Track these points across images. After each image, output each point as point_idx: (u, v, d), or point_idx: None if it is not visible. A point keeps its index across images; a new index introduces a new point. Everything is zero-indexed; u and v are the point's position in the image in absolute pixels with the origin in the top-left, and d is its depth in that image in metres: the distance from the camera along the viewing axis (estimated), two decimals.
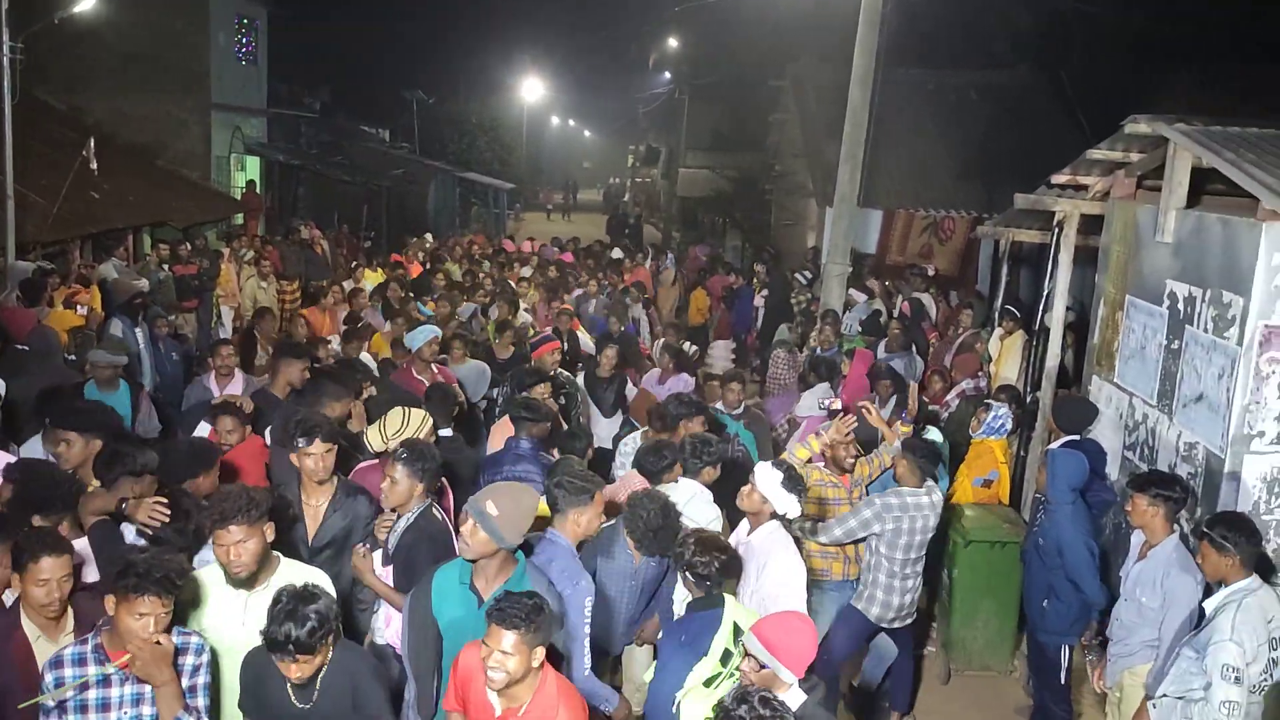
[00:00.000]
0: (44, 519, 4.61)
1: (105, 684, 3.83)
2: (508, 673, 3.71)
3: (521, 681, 3.78)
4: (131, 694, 3.86)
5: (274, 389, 7.44)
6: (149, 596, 3.70)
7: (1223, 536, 4.82)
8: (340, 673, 3.97)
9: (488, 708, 3.92)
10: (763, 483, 5.27)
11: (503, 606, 3.74)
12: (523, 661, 3.72)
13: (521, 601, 3.77)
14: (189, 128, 23.54)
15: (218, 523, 4.18)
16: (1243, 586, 4.79)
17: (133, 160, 21.05)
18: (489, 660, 3.72)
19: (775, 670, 3.88)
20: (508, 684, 3.75)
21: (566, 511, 4.80)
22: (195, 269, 14.17)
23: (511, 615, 3.70)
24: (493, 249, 20.16)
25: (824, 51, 20.27)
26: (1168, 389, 6.75)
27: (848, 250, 13.92)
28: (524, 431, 6.50)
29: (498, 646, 3.70)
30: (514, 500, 4.31)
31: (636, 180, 53.05)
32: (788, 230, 23.22)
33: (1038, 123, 18.72)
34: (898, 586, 6.26)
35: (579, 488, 4.81)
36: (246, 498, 4.27)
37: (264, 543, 4.29)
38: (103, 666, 3.81)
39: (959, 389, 9.83)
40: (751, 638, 3.96)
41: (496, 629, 3.70)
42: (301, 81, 33.09)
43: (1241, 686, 4.58)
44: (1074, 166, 8.26)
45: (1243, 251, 5.95)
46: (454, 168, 37.09)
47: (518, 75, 51.43)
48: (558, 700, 3.86)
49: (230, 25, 25.02)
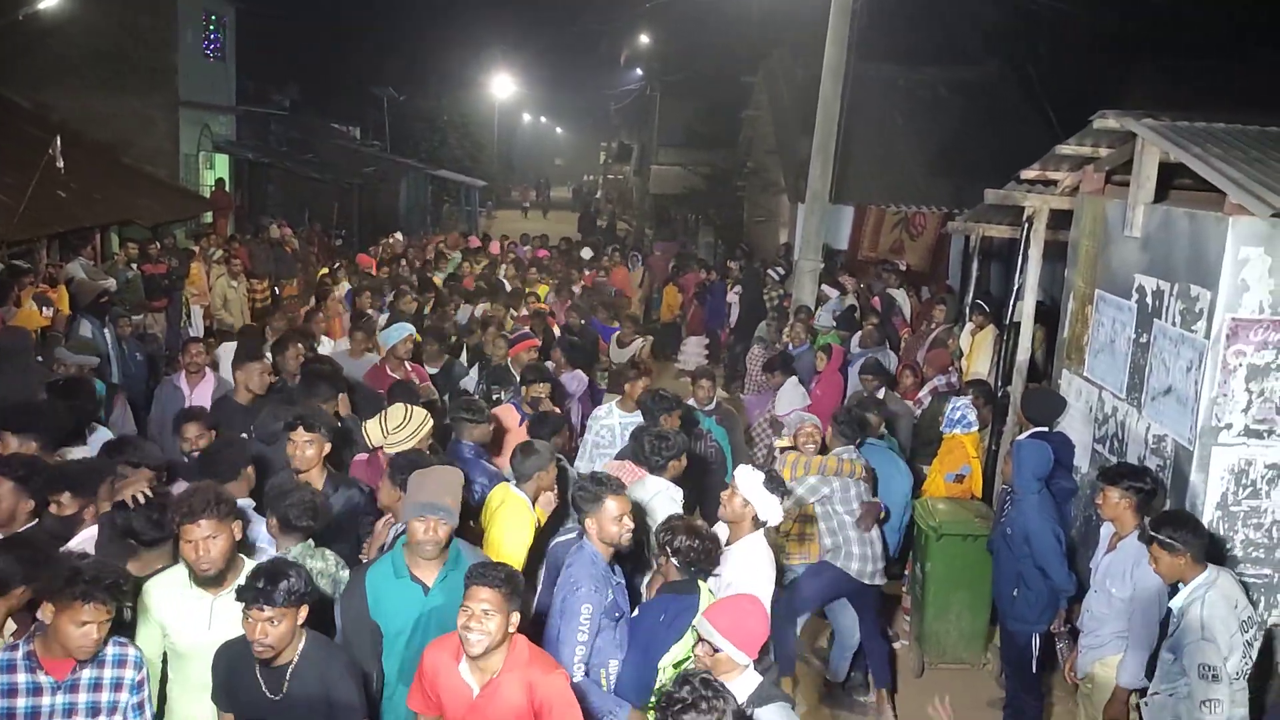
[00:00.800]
0: None
1: (36, 692, 3.77)
2: (488, 634, 3.79)
3: (497, 649, 3.86)
4: (64, 704, 3.79)
5: (236, 396, 7.27)
6: (94, 604, 3.67)
7: (1170, 537, 4.87)
8: (311, 665, 3.97)
9: (463, 690, 3.93)
10: (744, 485, 5.19)
11: (481, 569, 3.91)
12: (501, 623, 3.82)
13: (497, 565, 3.99)
14: (156, 125, 23.26)
15: (186, 517, 4.14)
16: (1203, 581, 4.84)
17: (100, 158, 20.78)
18: (469, 623, 3.79)
19: (729, 653, 3.90)
20: (485, 649, 3.81)
21: (584, 518, 4.87)
22: (164, 268, 14.04)
23: (491, 575, 3.85)
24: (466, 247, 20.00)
25: (796, 47, 20.35)
26: (1136, 382, 6.82)
27: (819, 246, 14.00)
28: (465, 434, 6.41)
29: (478, 606, 3.79)
30: (449, 484, 4.55)
31: (609, 177, 52.95)
32: (760, 227, 23.27)
33: (1007, 119, 18.86)
34: (868, 537, 6.60)
35: (590, 494, 4.84)
36: (215, 494, 4.25)
37: (232, 541, 4.26)
38: (33, 674, 3.76)
39: (931, 384, 9.89)
40: (703, 622, 3.99)
41: (477, 589, 3.82)
42: (270, 78, 32.77)
43: (1221, 683, 4.61)
44: (1043, 162, 8.32)
45: (1210, 245, 6.01)
46: (425, 165, 36.91)
47: (489, 72, 51.23)
48: (530, 662, 3.95)
49: (198, 22, 24.76)
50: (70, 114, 21.43)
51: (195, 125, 24.55)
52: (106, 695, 3.85)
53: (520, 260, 17.40)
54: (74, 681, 3.80)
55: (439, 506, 4.37)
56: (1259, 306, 5.87)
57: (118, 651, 3.88)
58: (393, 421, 5.82)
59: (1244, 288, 5.86)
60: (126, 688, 3.87)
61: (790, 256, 16.85)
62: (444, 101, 45.36)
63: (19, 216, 13.57)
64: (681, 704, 3.25)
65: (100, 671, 3.85)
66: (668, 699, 3.29)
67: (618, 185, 50.04)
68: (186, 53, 23.83)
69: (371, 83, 39.87)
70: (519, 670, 3.92)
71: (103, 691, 3.84)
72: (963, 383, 9.62)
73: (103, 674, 3.85)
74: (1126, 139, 7.32)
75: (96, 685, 3.83)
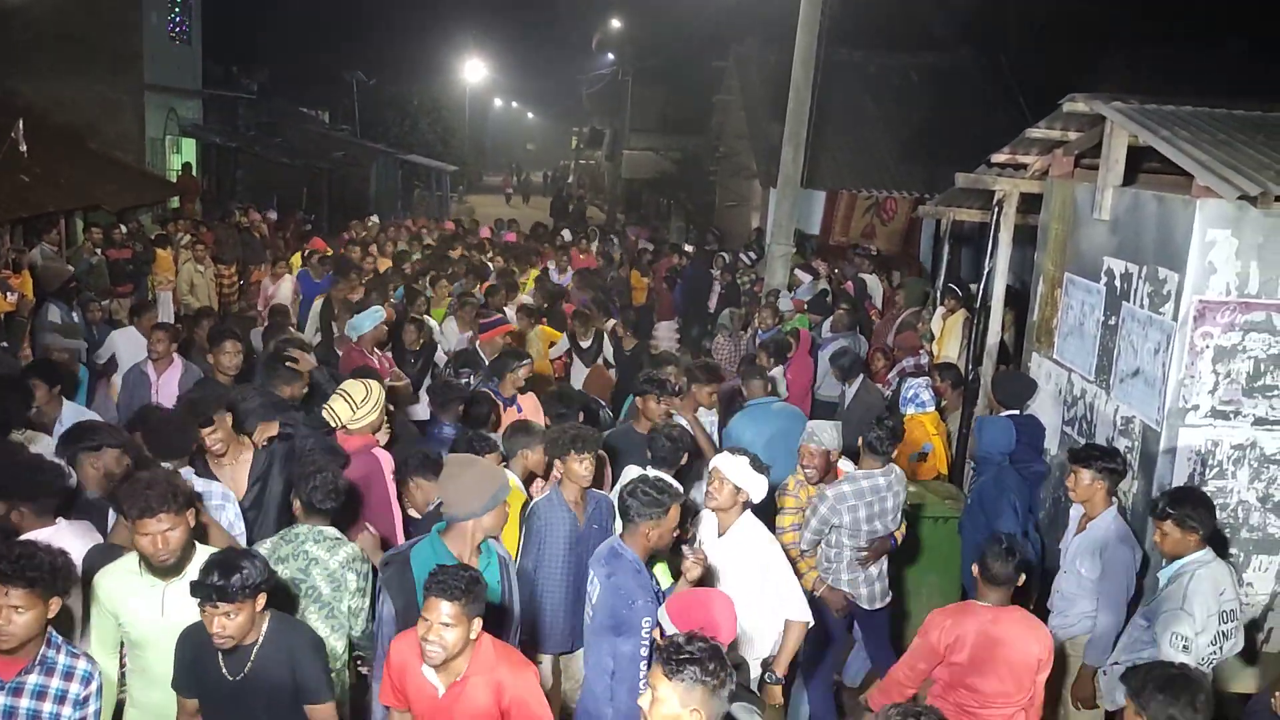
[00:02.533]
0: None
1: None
2: (445, 647, 3.69)
3: (460, 655, 3.77)
4: (4, 706, 3.65)
5: (217, 377, 7.22)
6: (9, 588, 3.55)
7: (1188, 516, 4.92)
8: (276, 646, 3.92)
9: (429, 689, 3.87)
10: (730, 471, 5.06)
11: (441, 578, 3.72)
12: (461, 634, 3.71)
13: (458, 573, 3.75)
14: (122, 109, 22.91)
15: (144, 512, 4.03)
16: (1197, 558, 4.90)
17: (64, 143, 20.47)
18: (427, 635, 3.69)
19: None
20: (445, 659, 3.72)
21: (638, 523, 4.55)
22: (129, 253, 13.87)
23: (451, 586, 3.68)
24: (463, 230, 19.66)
25: (767, 33, 20.36)
26: (1105, 364, 6.86)
27: (791, 231, 14.02)
28: (447, 415, 6.41)
29: (437, 619, 3.67)
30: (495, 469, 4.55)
31: (581, 162, 52.78)
32: (731, 211, 23.28)
33: (977, 104, 18.98)
34: (871, 571, 6.11)
35: (653, 500, 4.55)
36: (169, 486, 4.14)
37: (188, 530, 4.18)
38: None
39: (899, 366, 9.94)
40: (664, 615, 3.97)
41: (435, 601, 3.68)
42: (238, 62, 32.41)
43: (1190, 655, 4.66)
44: (1013, 146, 8.34)
45: (1177, 228, 6.05)
46: (396, 150, 36.67)
47: (460, 56, 50.93)
48: (496, 661, 3.87)
49: (162, 4, 24.38)
50: (34, 98, 21.08)
51: (161, 109, 24.22)
52: (49, 706, 3.70)
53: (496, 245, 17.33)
54: (19, 685, 3.67)
55: (505, 486, 4.46)
56: (1226, 288, 5.91)
57: (67, 663, 3.75)
58: (357, 396, 5.75)
59: (1211, 270, 5.90)
60: (70, 702, 3.72)
61: (762, 241, 16.87)
62: (415, 86, 45.04)
63: None
64: (688, 656, 3.23)
65: (48, 680, 3.71)
66: (675, 647, 3.26)
67: (590, 170, 49.92)
68: (152, 36, 23.47)
69: (341, 67, 39.54)
70: (485, 673, 3.83)
71: (46, 701, 3.70)
72: (933, 365, 9.66)
73: (49, 683, 3.71)
74: (1095, 122, 7.35)
75: (41, 693, 3.69)
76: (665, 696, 3.23)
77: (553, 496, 5.50)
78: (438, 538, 4.41)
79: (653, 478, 4.83)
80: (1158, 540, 5.06)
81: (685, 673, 3.21)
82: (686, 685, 3.20)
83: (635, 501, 4.55)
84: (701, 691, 3.21)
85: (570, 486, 5.46)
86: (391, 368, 8.47)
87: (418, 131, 42.37)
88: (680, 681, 3.21)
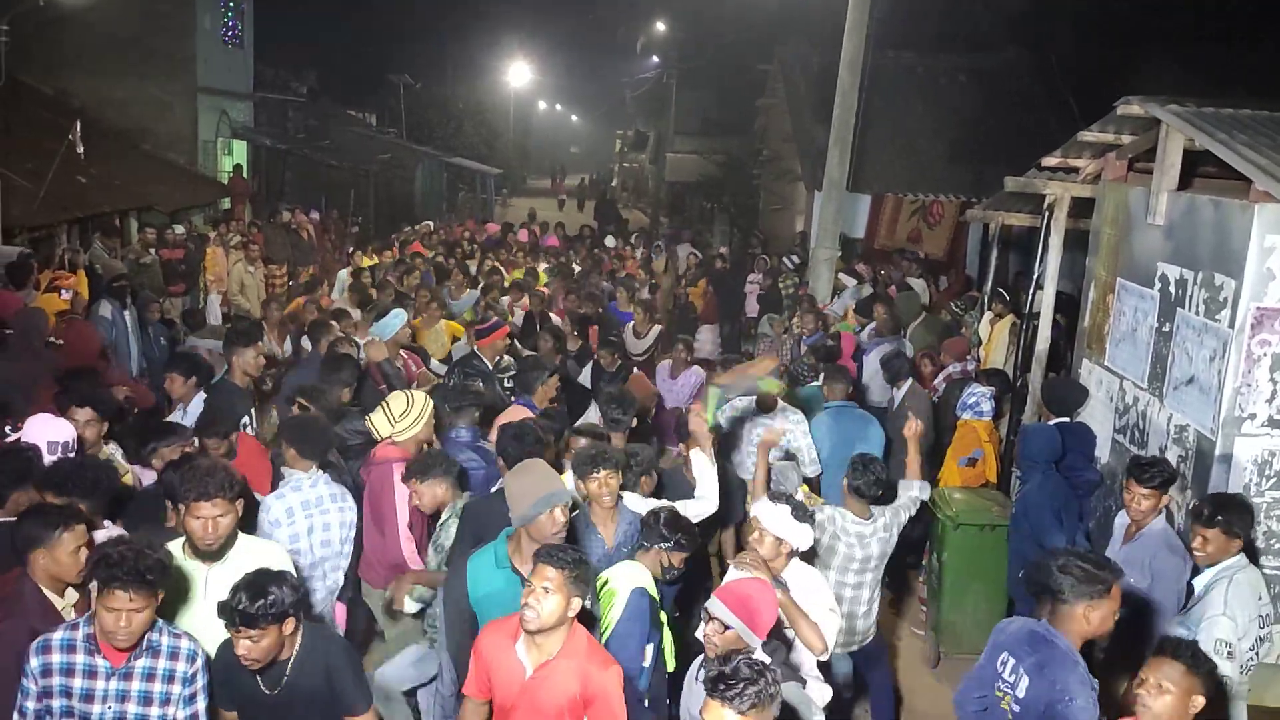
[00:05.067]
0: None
1: (92, 675, 3.79)
2: (541, 613, 3.77)
3: (554, 631, 3.84)
4: (117, 689, 3.81)
5: (233, 378, 7.12)
6: (124, 591, 3.65)
7: (1234, 522, 4.88)
8: (311, 660, 3.97)
9: (517, 670, 3.92)
10: (770, 523, 4.79)
11: (550, 549, 3.94)
12: (560, 604, 3.79)
13: (567, 548, 3.98)
14: (175, 111, 23.29)
15: (201, 495, 4.22)
16: (1233, 563, 4.86)
17: (119, 144, 20.87)
18: (528, 598, 3.79)
19: (740, 633, 3.90)
20: (540, 628, 3.79)
21: (1074, 604, 4.03)
22: (182, 253, 14.09)
23: (558, 555, 3.85)
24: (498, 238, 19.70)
25: (812, 35, 20.27)
26: (1159, 372, 6.76)
27: (836, 235, 13.96)
28: (464, 419, 6.41)
29: (540, 582, 3.78)
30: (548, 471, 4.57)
31: (624, 166, 52.82)
32: (775, 215, 23.21)
33: (1026, 105, 18.76)
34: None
35: (1090, 576, 4.02)
36: (226, 474, 4.35)
37: (236, 518, 4.39)
38: (92, 657, 3.78)
39: (946, 372, 9.84)
40: (716, 602, 3.97)
41: (543, 566, 3.81)
42: (288, 65, 32.78)
43: (1234, 662, 4.61)
44: (1065, 149, 8.25)
45: (1235, 233, 5.95)
46: (441, 152, 36.86)
47: (505, 59, 51.17)
48: (587, 651, 3.93)
49: (216, 8, 24.75)
50: (90, 100, 21.54)
51: (214, 111, 24.58)
52: (159, 686, 3.86)
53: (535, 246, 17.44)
54: (129, 670, 3.82)
55: (560, 493, 4.39)
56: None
57: (171, 643, 3.89)
58: (397, 409, 5.77)
59: (1269, 276, 5.80)
60: (179, 680, 3.88)
61: (806, 245, 16.80)
62: (460, 89, 45.34)
63: (39, 202, 13.65)
64: (743, 680, 3.21)
65: (155, 661, 3.85)
66: (723, 677, 3.23)
67: (633, 173, 49.91)
68: (204, 39, 23.84)
69: (388, 70, 39.89)
70: (576, 659, 3.89)
71: (155, 681, 3.85)
72: (979, 371, 9.57)
73: (157, 664, 3.86)
74: (1150, 126, 7.25)
75: (150, 675, 3.85)
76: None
77: (578, 518, 5.27)
78: (502, 541, 4.47)
79: (1085, 552, 4.31)
80: (1198, 547, 4.99)
81: (747, 697, 3.20)
82: (757, 711, 3.21)
83: (1068, 579, 4.02)
84: (768, 710, 3.23)
85: (596, 507, 5.25)
86: (420, 369, 8.50)
87: (463, 134, 42.59)
88: (752, 709, 3.21)
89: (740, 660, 3.29)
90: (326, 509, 5.41)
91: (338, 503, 5.47)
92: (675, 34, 34.92)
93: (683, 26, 33.41)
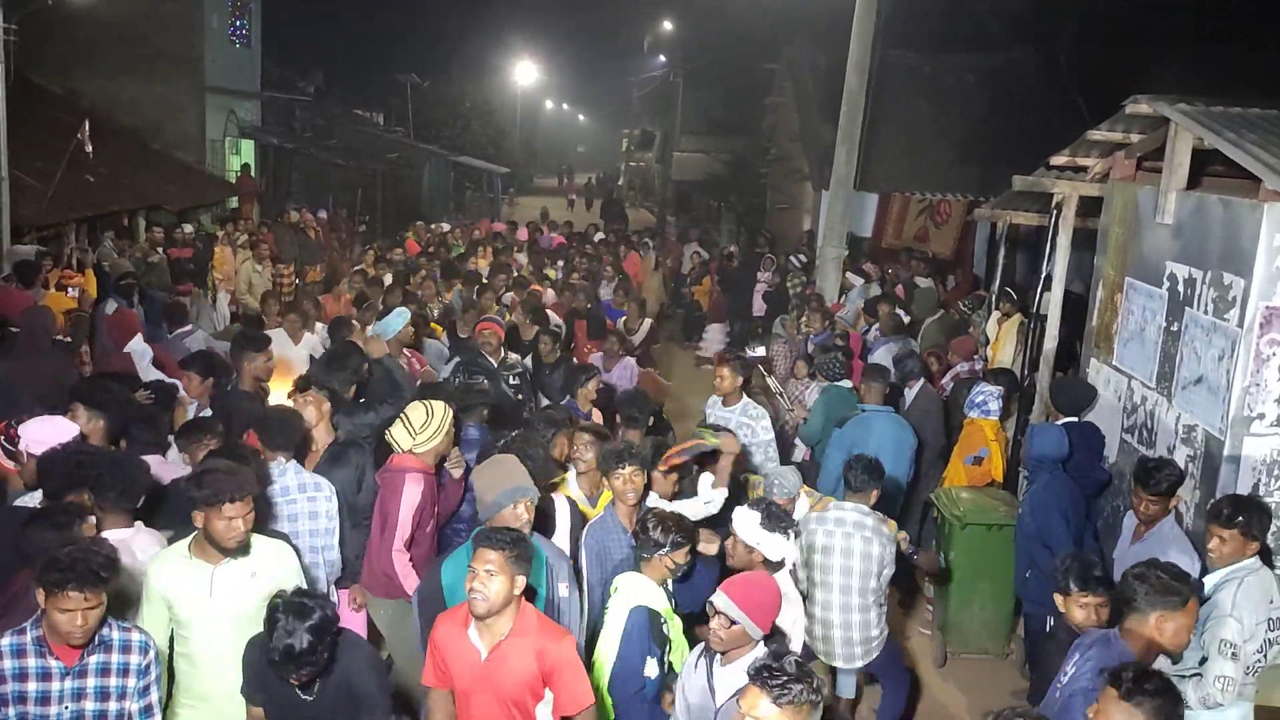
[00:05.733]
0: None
1: (46, 677, 3.80)
2: (488, 595, 3.84)
3: (502, 612, 3.91)
4: (73, 688, 3.83)
5: (241, 385, 7.08)
6: (76, 591, 3.67)
7: (1253, 523, 4.84)
8: (342, 664, 4.02)
9: (472, 653, 3.99)
10: (741, 528, 4.76)
11: (487, 532, 4.03)
12: (504, 585, 3.87)
13: (504, 529, 4.06)
14: (183, 111, 23.35)
15: (234, 496, 4.26)
16: (1246, 565, 4.83)
17: (127, 143, 20.94)
18: (473, 584, 3.86)
19: (745, 627, 3.93)
20: (489, 610, 3.86)
21: (1148, 614, 4.00)
22: (190, 252, 14.13)
23: (495, 537, 3.94)
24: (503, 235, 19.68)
25: (819, 34, 20.23)
26: (1167, 371, 6.74)
27: (844, 234, 13.95)
28: (471, 418, 6.41)
29: (481, 566, 3.86)
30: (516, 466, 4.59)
31: (631, 164, 52.82)
32: (782, 214, 23.18)
33: (1033, 104, 18.72)
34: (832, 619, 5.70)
35: (1168, 586, 3.99)
36: (253, 479, 4.45)
37: (252, 519, 4.44)
38: (44, 659, 3.79)
39: (954, 371, 9.83)
40: (722, 597, 3.99)
41: (482, 550, 3.88)
42: (295, 65, 32.90)
43: (1238, 663, 4.59)
44: (1073, 148, 8.23)
45: (1244, 232, 5.93)
46: (448, 151, 36.91)
47: (511, 58, 51.25)
48: (538, 626, 4.02)
49: (224, 7, 24.82)
50: (99, 99, 21.61)
51: (221, 111, 24.64)
52: (114, 680, 3.87)
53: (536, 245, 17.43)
54: (82, 667, 3.83)
55: (525, 488, 4.45)
56: None
57: (123, 637, 3.91)
58: (417, 421, 5.61)
59: (1278, 276, 5.78)
60: (133, 673, 3.90)
61: (813, 244, 16.79)
62: (467, 88, 45.34)
63: (48, 201, 13.70)
64: (788, 676, 3.24)
65: (108, 656, 3.87)
66: (772, 670, 3.25)
67: (640, 172, 49.90)
68: (212, 38, 23.90)
69: (395, 69, 40.00)
70: (528, 636, 3.97)
71: (110, 676, 3.87)
72: (987, 370, 9.55)
73: (110, 659, 3.87)
74: (1158, 125, 7.23)
75: (104, 670, 3.86)
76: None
77: (606, 517, 5.29)
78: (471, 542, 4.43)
79: (1166, 564, 4.21)
80: (1213, 548, 4.95)
81: (787, 691, 3.22)
82: (793, 709, 3.22)
83: (1144, 587, 4.00)
84: (804, 713, 3.24)
85: (620, 505, 5.25)
86: (423, 368, 8.50)
87: (469, 133, 42.63)
88: (789, 704, 3.22)
89: (791, 658, 3.32)
90: (294, 499, 5.41)
91: (307, 493, 5.45)
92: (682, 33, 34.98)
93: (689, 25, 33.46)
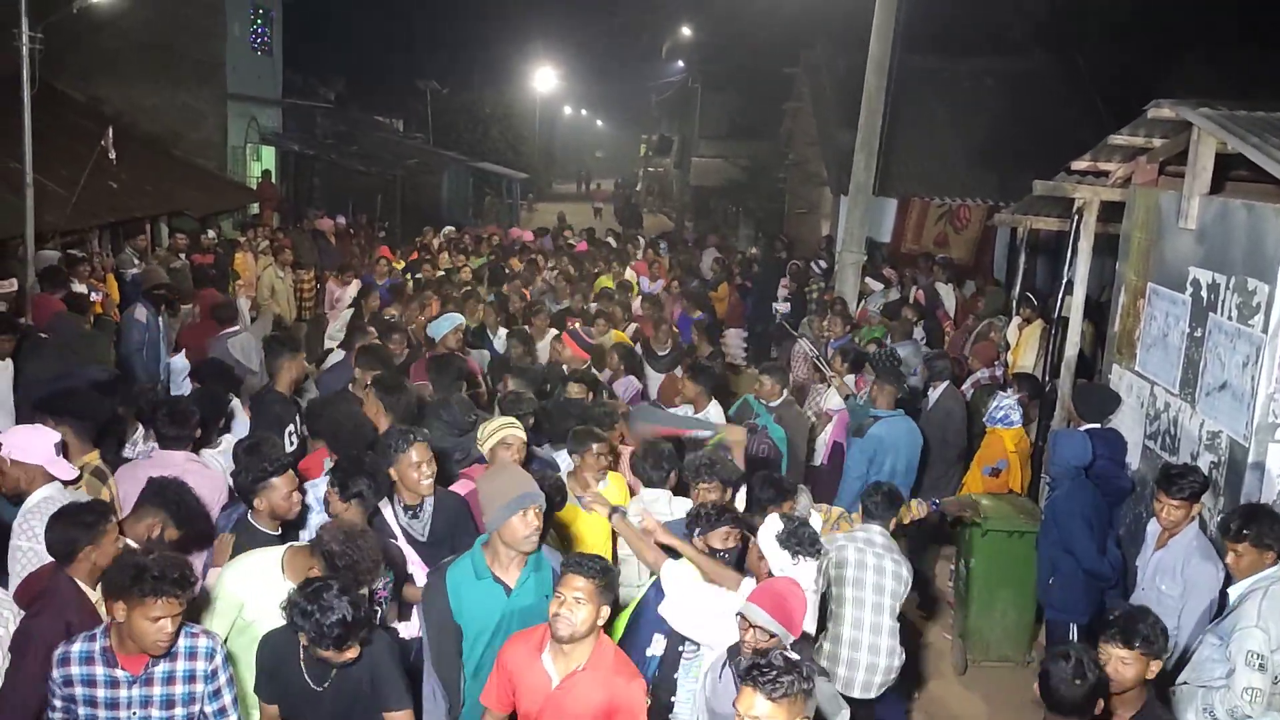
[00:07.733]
0: None
1: (113, 685, 3.84)
2: (575, 622, 3.82)
3: (583, 640, 3.90)
4: (140, 695, 3.86)
5: (278, 387, 7.10)
6: (165, 599, 3.70)
7: (1264, 535, 4.81)
8: (359, 655, 3.98)
9: (544, 680, 3.95)
10: (761, 533, 4.70)
11: (578, 560, 3.97)
12: (590, 614, 3.85)
13: (595, 557, 4.03)
14: (205, 118, 23.53)
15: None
16: (1269, 574, 4.78)
17: (150, 150, 21.10)
18: (559, 609, 3.84)
19: (778, 634, 3.94)
20: (571, 636, 3.84)
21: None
22: (212, 258, 14.23)
23: (587, 565, 3.91)
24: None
25: (838, 39, 20.21)
26: (1190, 377, 6.70)
27: (863, 239, 13.90)
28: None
29: (570, 593, 3.83)
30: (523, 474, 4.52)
31: (649, 170, 52.84)
32: (801, 219, 23.16)
33: (1053, 108, 18.64)
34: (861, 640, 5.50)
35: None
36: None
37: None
38: (111, 669, 3.82)
39: (974, 378, 9.78)
40: (753, 608, 3.99)
41: (572, 576, 3.86)
42: (316, 72, 33.08)
43: (1266, 674, 4.55)
44: (1095, 153, 8.19)
45: (1268, 237, 5.89)
46: (467, 157, 37.01)
47: (530, 65, 51.29)
48: (614, 663, 3.98)
49: (245, 15, 25.00)
50: (122, 106, 21.80)
51: (243, 118, 24.82)
52: (181, 688, 3.90)
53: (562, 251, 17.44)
54: (149, 676, 3.86)
55: (532, 494, 4.27)
56: None
57: (188, 644, 3.92)
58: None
59: None
60: (200, 678, 3.92)
61: (832, 249, 16.75)
62: (486, 94, 45.46)
63: (72, 207, 13.81)
64: (777, 669, 3.28)
65: (173, 665, 3.89)
66: (761, 667, 3.30)
67: (658, 178, 49.90)
68: (234, 46, 24.07)
69: (415, 75, 40.11)
70: (603, 670, 3.93)
71: (176, 684, 3.89)
72: (1009, 376, 9.50)
73: (175, 666, 3.89)
74: (1181, 129, 7.19)
75: (170, 678, 3.89)
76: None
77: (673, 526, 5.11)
78: (478, 550, 4.38)
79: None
80: (1231, 562, 4.94)
81: (780, 685, 3.26)
82: (789, 700, 3.27)
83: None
84: (799, 704, 3.29)
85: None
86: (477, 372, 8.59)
87: (489, 139, 42.78)
88: (784, 698, 3.27)
89: (776, 653, 3.38)
90: None
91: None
92: (700, 38, 34.93)
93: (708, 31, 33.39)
